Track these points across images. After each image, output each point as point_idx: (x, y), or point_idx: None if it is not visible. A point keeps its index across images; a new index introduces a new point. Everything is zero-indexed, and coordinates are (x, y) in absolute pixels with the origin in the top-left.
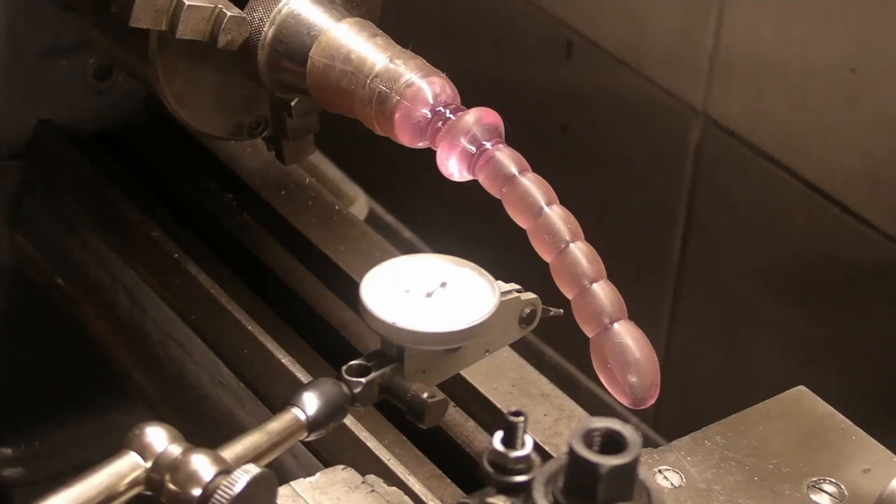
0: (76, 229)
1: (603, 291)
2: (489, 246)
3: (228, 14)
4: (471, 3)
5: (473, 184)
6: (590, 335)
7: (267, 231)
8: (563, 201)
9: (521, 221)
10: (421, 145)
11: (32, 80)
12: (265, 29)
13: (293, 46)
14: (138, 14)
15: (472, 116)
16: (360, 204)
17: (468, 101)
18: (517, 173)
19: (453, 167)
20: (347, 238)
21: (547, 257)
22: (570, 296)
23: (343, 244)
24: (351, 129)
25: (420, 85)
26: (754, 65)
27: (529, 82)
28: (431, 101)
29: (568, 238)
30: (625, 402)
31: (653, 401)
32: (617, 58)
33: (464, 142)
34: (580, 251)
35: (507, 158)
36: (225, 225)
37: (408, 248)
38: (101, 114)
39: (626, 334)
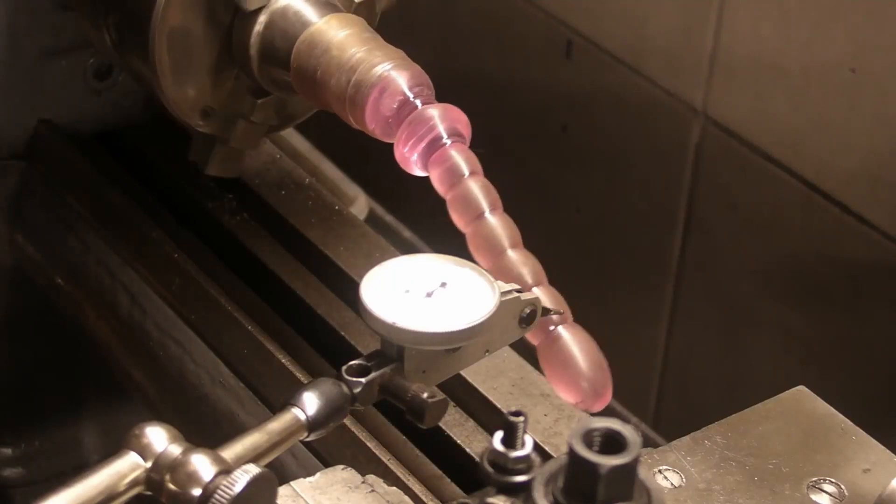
0: (76, 229)
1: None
2: None
3: (254, 119)
4: (471, 3)
5: None
6: (535, 343)
7: (267, 231)
8: (564, 201)
9: (461, 225)
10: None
11: (32, 80)
12: (258, 24)
13: (282, 41)
14: (218, 171)
15: (436, 111)
16: (360, 204)
17: (468, 102)
18: (467, 174)
19: (409, 158)
20: (347, 238)
21: (485, 263)
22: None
23: (343, 244)
24: (351, 129)
25: (392, 75)
26: (754, 65)
27: (529, 82)
28: (403, 92)
29: (506, 244)
30: (580, 406)
31: (607, 401)
32: (617, 58)
33: (421, 134)
34: (518, 258)
35: (461, 158)
36: (225, 225)
37: (408, 248)
38: (101, 114)
39: (572, 342)
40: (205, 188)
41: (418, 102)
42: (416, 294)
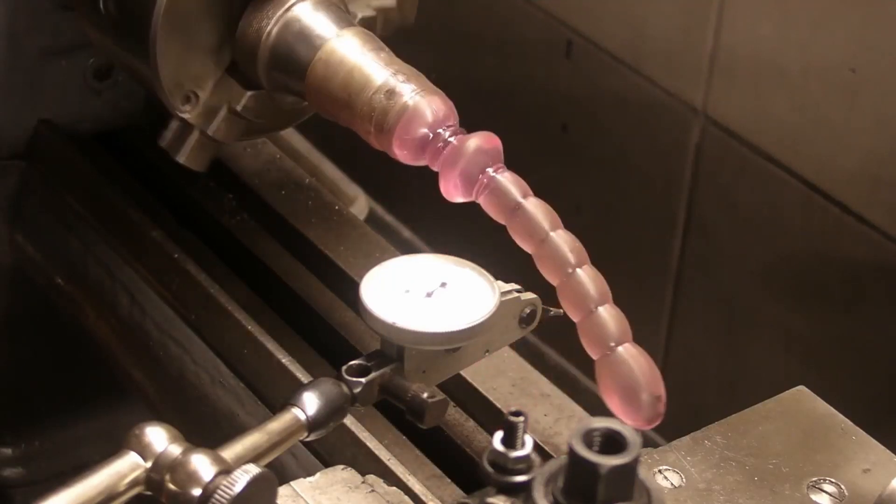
0: (76, 229)
1: (609, 315)
2: (489, 246)
3: (240, 109)
4: (471, 4)
5: None
6: (595, 357)
7: (267, 231)
8: (564, 201)
9: (527, 247)
10: (421, 163)
11: (32, 80)
12: (266, 32)
13: (293, 53)
14: (191, 163)
15: (473, 143)
16: (360, 204)
17: (468, 102)
18: (521, 199)
19: (456, 192)
20: (347, 238)
21: (554, 281)
22: (576, 319)
23: (343, 244)
24: (351, 130)
25: (419, 103)
26: (754, 65)
27: (529, 82)
28: (430, 121)
29: (574, 262)
30: (632, 424)
31: (659, 420)
32: (617, 58)
33: (466, 168)
34: (586, 275)
35: (511, 184)
36: (225, 225)
37: (408, 248)
38: (101, 114)
39: (630, 358)
40: (205, 188)
41: (447, 133)
42: (416, 294)
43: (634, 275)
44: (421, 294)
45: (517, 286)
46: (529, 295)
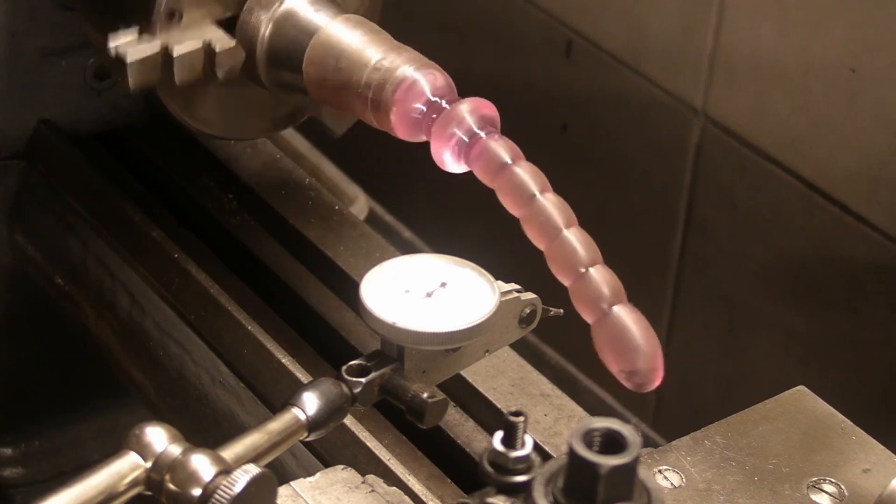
0: (76, 229)
1: (600, 275)
2: (489, 246)
3: (218, 50)
4: (471, 3)
5: (473, 184)
6: (589, 321)
7: (267, 231)
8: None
9: (514, 210)
10: (420, 139)
11: (32, 80)
12: (262, 29)
13: (290, 45)
14: (135, 80)
15: (466, 106)
16: (360, 204)
17: None
18: (510, 161)
19: (447, 157)
20: (347, 238)
21: (541, 245)
22: (567, 283)
23: (343, 244)
24: (351, 129)
25: (415, 77)
26: (754, 65)
27: (529, 82)
28: (427, 94)
29: (562, 224)
30: (628, 386)
31: (656, 384)
32: (617, 58)
33: (457, 131)
34: (575, 237)
35: (501, 147)
36: (225, 225)
37: (408, 248)
38: (101, 114)
39: (626, 318)
40: (205, 188)
41: (443, 102)
42: (416, 294)
43: (634, 275)
44: (421, 294)
45: (517, 286)
46: (529, 295)
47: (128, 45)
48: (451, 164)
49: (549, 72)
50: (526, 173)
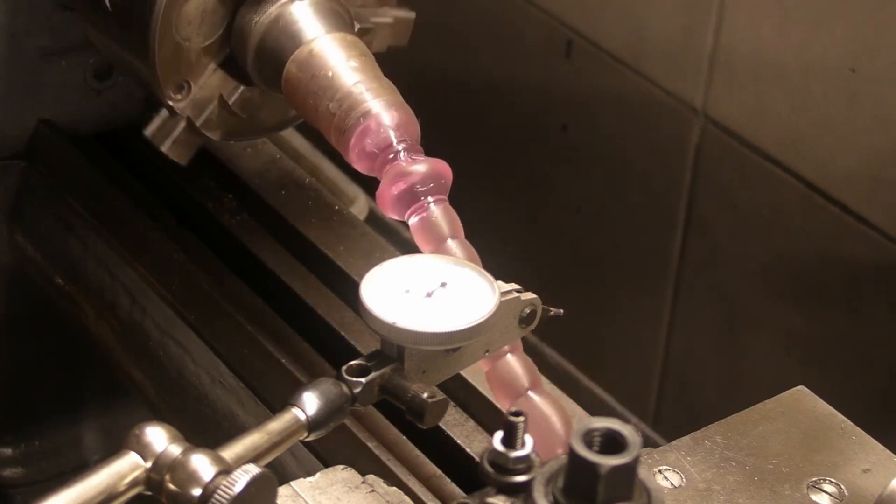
0: (76, 229)
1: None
2: (489, 246)
3: (231, 102)
4: (471, 3)
5: (473, 184)
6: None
7: (267, 231)
8: (564, 201)
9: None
10: (373, 173)
11: (32, 80)
12: (257, 24)
13: (277, 47)
14: (178, 156)
15: (422, 167)
16: (360, 204)
17: (468, 101)
18: (448, 238)
19: (391, 206)
20: (347, 238)
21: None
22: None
23: (343, 244)
24: None
25: (378, 115)
26: (754, 65)
27: (529, 82)
28: (386, 134)
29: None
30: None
31: None
32: (617, 58)
33: (404, 188)
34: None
35: (443, 219)
36: (225, 225)
37: (408, 248)
38: (101, 114)
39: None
40: (205, 188)
41: (401, 147)
42: (416, 294)
43: (634, 275)
44: (421, 294)
45: (517, 286)
46: (529, 295)
47: (156, 131)
48: (393, 213)
49: (549, 72)
50: (459, 250)
